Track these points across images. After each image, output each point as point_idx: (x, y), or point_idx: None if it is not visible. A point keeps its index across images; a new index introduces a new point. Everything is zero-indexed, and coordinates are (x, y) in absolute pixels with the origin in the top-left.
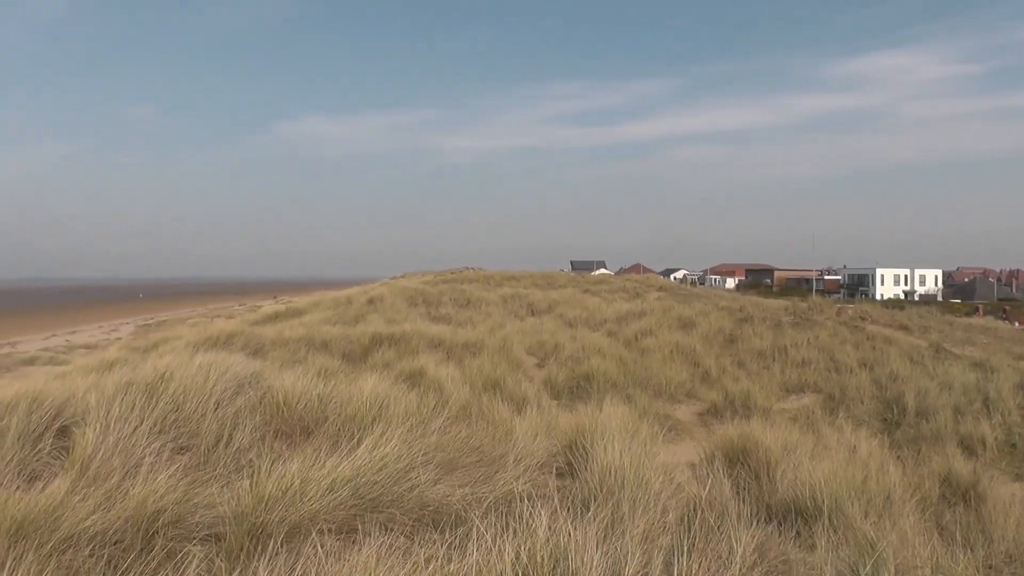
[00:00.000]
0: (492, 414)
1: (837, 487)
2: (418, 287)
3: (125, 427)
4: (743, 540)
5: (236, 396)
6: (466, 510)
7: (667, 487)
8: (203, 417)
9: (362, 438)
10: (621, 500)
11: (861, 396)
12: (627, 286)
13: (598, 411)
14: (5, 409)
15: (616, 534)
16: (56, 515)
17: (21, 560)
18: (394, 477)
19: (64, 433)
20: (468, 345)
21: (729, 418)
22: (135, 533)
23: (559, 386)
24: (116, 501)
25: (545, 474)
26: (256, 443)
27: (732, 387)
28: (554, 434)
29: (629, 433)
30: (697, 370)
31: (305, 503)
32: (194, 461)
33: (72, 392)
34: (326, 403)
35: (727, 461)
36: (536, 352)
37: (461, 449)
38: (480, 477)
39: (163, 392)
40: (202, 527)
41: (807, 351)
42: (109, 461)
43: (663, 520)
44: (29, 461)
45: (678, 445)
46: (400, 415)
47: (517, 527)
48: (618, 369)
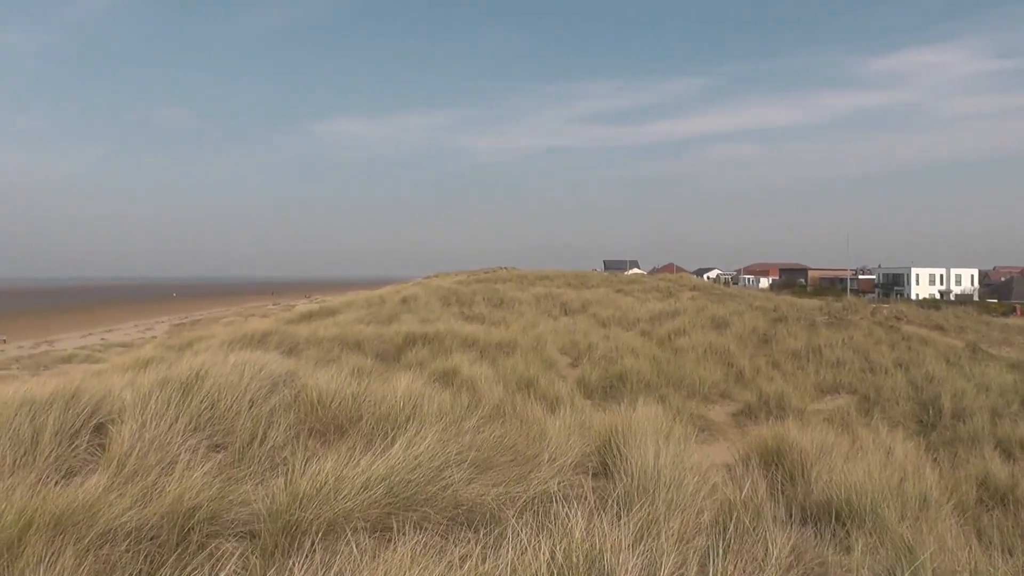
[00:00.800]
0: (526, 413)
1: (873, 489)
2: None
3: (161, 424)
4: (779, 542)
5: (271, 394)
6: (500, 509)
7: (702, 488)
8: (238, 415)
9: (396, 437)
10: (656, 500)
11: (896, 397)
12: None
13: (632, 411)
14: (43, 406)
15: (651, 535)
16: (93, 510)
17: (60, 554)
18: (428, 476)
19: (101, 430)
20: (501, 344)
21: (763, 419)
22: (171, 529)
23: (592, 386)
24: (152, 497)
25: (579, 474)
26: (290, 441)
27: (766, 387)
28: (588, 434)
29: (663, 433)
30: (731, 370)
31: (339, 501)
32: (229, 458)
33: (108, 389)
34: (360, 402)
35: (762, 462)
36: (569, 351)
37: (495, 448)
38: (514, 476)
39: (198, 390)
40: (237, 524)
41: (842, 351)
42: (145, 458)
43: (698, 521)
44: (66, 457)
45: (712, 446)
46: (434, 414)
47: (552, 527)
48: (652, 369)
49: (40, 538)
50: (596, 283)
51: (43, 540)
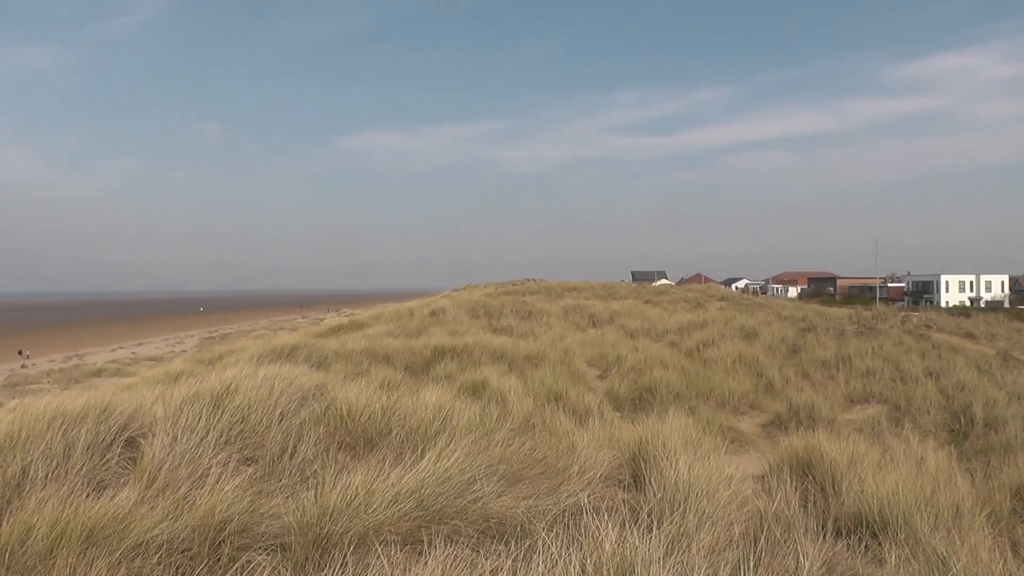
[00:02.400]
0: (555, 426)
1: (905, 500)
2: (480, 299)
3: (192, 438)
4: (810, 554)
5: (300, 408)
6: (530, 522)
7: (732, 500)
8: (268, 428)
9: (426, 450)
10: (686, 513)
11: (927, 406)
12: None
13: (661, 423)
14: (75, 420)
15: (682, 547)
16: (125, 523)
17: (92, 566)
18: (458, 489)
19: (132, 444)
20: (530, 357)
21: (793, 429)
22: (202, 542)
23: (621, 397)
24: (183, 510)
25: (609, 486)
26: (320, 454)
27: (796, 398)
28: (617, 446)
29: (692, 445)
30: (760, 381)
31: (369, 514)
32: (259, 472)
33: (139, 403)
34: (389, 415)
35: (792, 473)
36: (598, 363)
37: (524, 461)
38: (544, 489)
39: (228, 404)
40: (268, 537)
41: (871, 361)
42: (176, 471)
43: (729, 533)
44: (98, 471)
45: (742, 457)
46: (463, 427)
47: (583, 540)
48: (680, 380)
49: (72, 550)
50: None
51: (75, 552)
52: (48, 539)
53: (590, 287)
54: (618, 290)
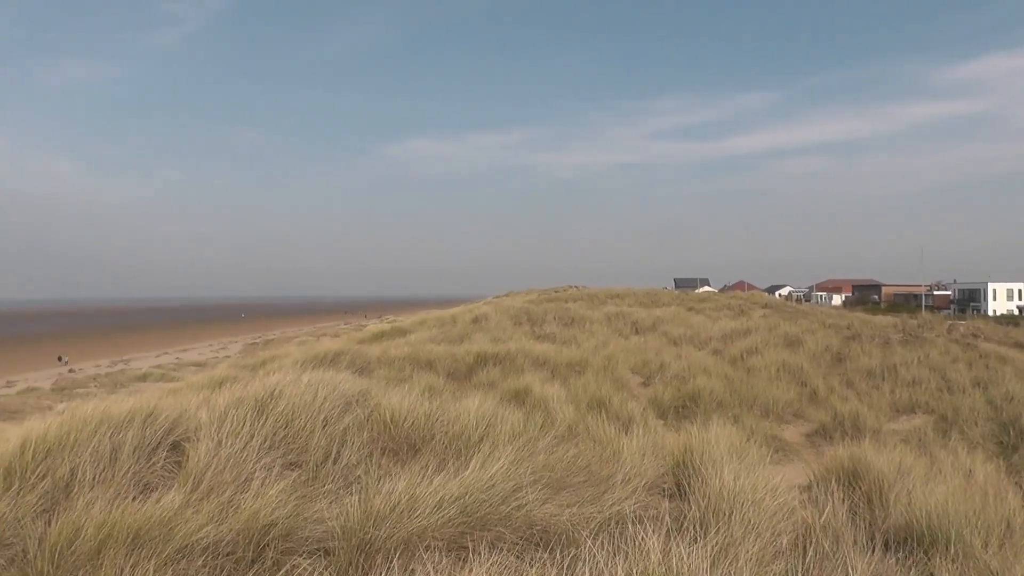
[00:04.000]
0: (598, 433)
1: (954, 513)
2: (522, 306)
3: (236, 442)
4: (859, 567)
5: (344, 413)
6: (574, 530)
7: (778, 510)
8: (312, 434)
9: (469, 456)
10: (732, 523)
11: (975, 417)
12: (732, 303)
13: (705, 431)
14: (121, 423)
15: (729, 558)
16: (170, 526)
17: (137, 568)
18: (502, 496)
19: (177, 447)
20: (573, 364)
21: (838, 439)
22: (246, 545)
23: (665, 405)
24: (228, 514)
25: (653, 495)
26: (364, 460)
27: (840, 407)
28: (661, 454)
29: (737, 454)
30: (804, 389)
31: (413, 520)
32: (303, 477)
33: (184, 408)
34: (433, 421)
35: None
36: (641, 371)
37: (568, 469)
38: (588, 497)
39: (273, 409)
40: (311, 541)
41: (917, 370)
42: (221, 475)
43: (776, 544)
44: (144, 474)
45: (786, 467)
46: (507, 434)
47: (628, 549)
48: (724, 388)
49: (119, 551)
50: (667, 301)
51: (121, 553)
52: (96, 540)
53: (633, 294)
54: (661, 297)
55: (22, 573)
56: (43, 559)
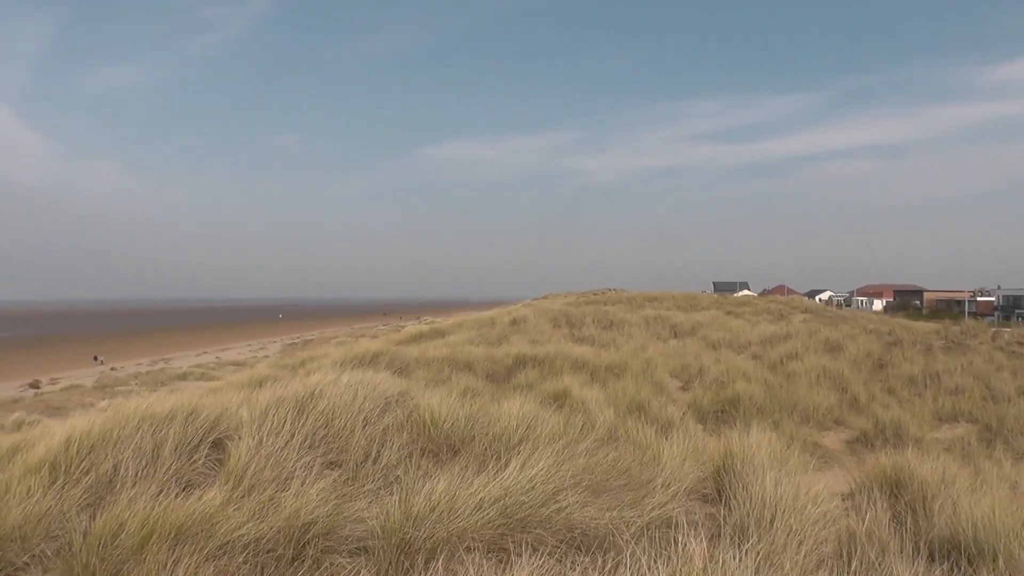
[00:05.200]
0: (638, 437)
1: (1001, 526)
2: (561, 308)
3: (276, 441)
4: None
5: (384, 414)
6: (615, 534)
7: (821, 518)
8: (352, 434)
9: (509, 458)
10: (775, 530)
11: (1021, 427)
12: (771, 308)
13: (745, 436)
14: (163, 421)
15: (773, 566)
16: (212, 522)
17: (180, 564)
18: (542, 498)
19: (218, 445)
20: (611, 367)
21: (879, 447)
22: (287, 543)
23: (704, 410)
24: (269, 512)
25: (693, 500)
26: (403, 460)
27: (882, 414)
28: (701, 459)
29: (778, 460)
30: (845, 396)
31: (453, 521)
32: (344, 476)
33: (225, 407)
34: (472, 423)
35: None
36: (680, 375)
37: (608, 472)
38: (628, 501)
39: (313, 408)
40: (352, 540)
41: (961, 378)
42: (261, 473)
43: (819, 553)
44: (185, 471)
45: (826, 474)
46: (546, 436)
47: (671, 553)
48: (764, 393)
49: (161, 547)
50: (706, 305)
51: (164, 548)
52: (139, 535)
53: (671, 297)
54: (700, 301)
55: (67, 565)
56: (88, 552)
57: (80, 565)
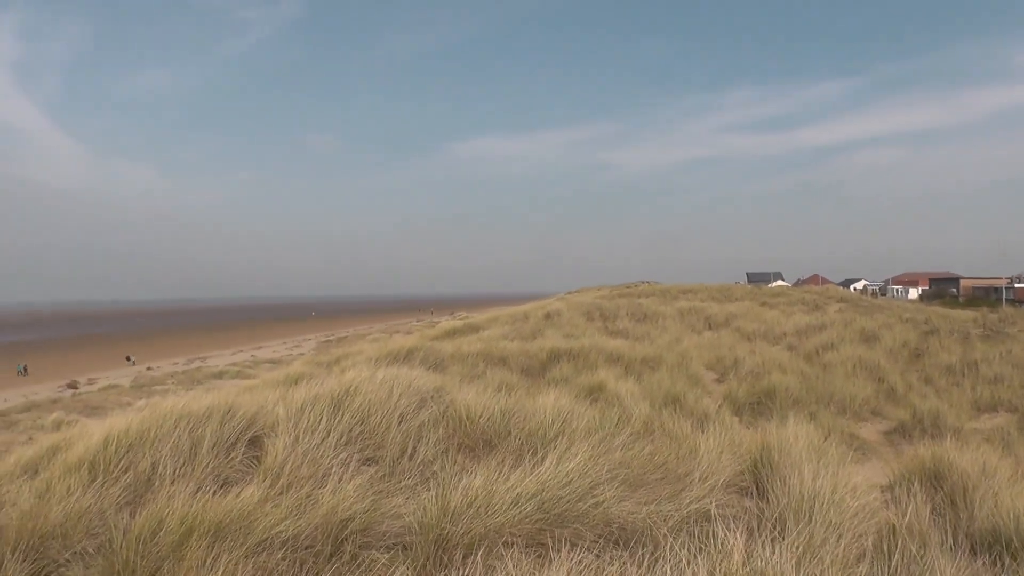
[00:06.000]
0: (674, 430)
1: None
2: (594, 301)
3: (313, 438)
4: (947, 572)
5: (419, 410)
6: (652, 528)
7: (860, 511)
8: (388, 430)
9: (545, 453)
10: (813, 523)
11: None
12: (806, 298)
13: (782, 428)
14: (200, 419)
15: (813, 559)
16: (250, 519)
17: (219, 560)
18: (579, 493)
19: (255, 443)
20: (646, 360)
21: (917, 438)
22: (325, 539)
23: (740, 402)
24: (306, 508)
25: (731, 493)
26: (439, 456)
27: (919, 405)
28: (738, 452)
29: (815, 452)
30: (882, 386)
31: (490, 516)
32: (380, 472)
33: (261, 404)
34: (508, 417)
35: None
36: (715, 367)
37: (645, 466)
38: (665, 495)
39: (348, 405)
40: (389, 536)
41: (999, 367)
42: (299, 470)
43: (859, 546)
44: (223, 468)
45: (864, 465)
46: (582, 431)
47: (710, 548)
48: (799, 385)
49: (201, 543)
50: (740, 296)
51: (204, 545)
52: (178, 532)
53: (705, 289)
54: (733, 292)
55: (108, 562)
56: (128, 549)
57: (121, 562)
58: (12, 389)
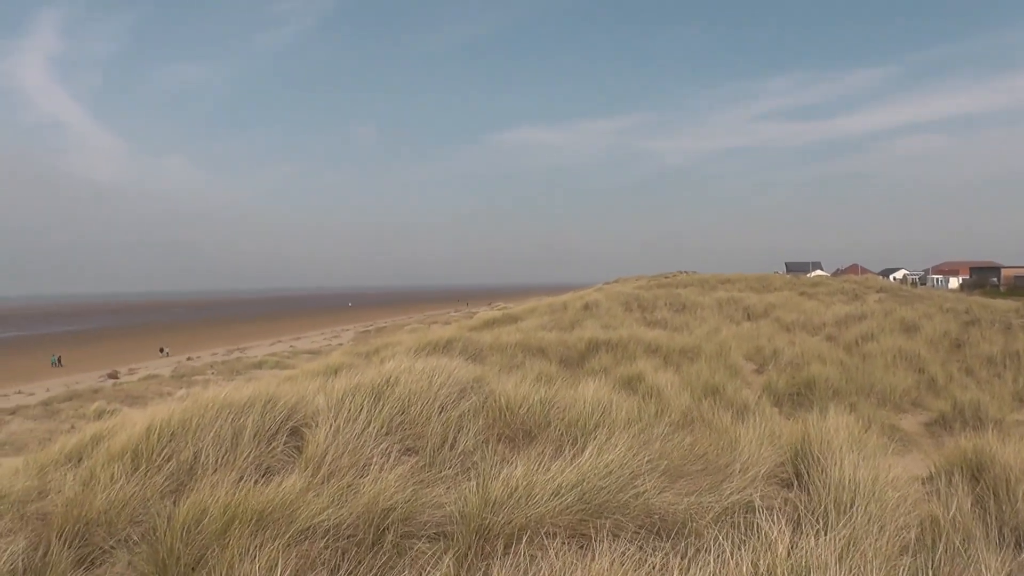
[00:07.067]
0: (713, 421)
1: None
2: (633, 292)
3: (353, 428)
4: (992, 565)
5: (459, 400)
6: (693, 519)
7: (901, 503)
8: (428, 420)
9: (585, 444)
10: (855, 515)
11: None
12: (845, 288)
13: (822, 420)
14: (241, 409)
15: (856, 552)
16: (293, 509)
17: (262, 548)
18: (619, 484)
19: (296, 433)
20: (685, 350)
21: (958, 429)
22: (367, 528)
23: (779, 393)
24: (348, 498)
25: (772, 485)
26: (480, 446)
27: (960, 396)
28: (778, 443)
29: (856, 443)
30: (922, 377)
31: (531, 506)
32: (421, 462)
33: (302, 394)
34: (548, 408)
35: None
36: (754, 358)
37: (685, 457)
38: (706, 486)
39: (389, 395)
40: (430, 525)
41: None
42: (340, 460)
43: (901, 538)
44: (264, 457)
45: (904, 457)
46: (622, 421)
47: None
48: (839, 375)
49: (243, 532)
50: (778, 286)
51: (246, 533)
52: (221, 520)
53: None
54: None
55: (152, 549)
56: (172, 536)
57: (165, 549)
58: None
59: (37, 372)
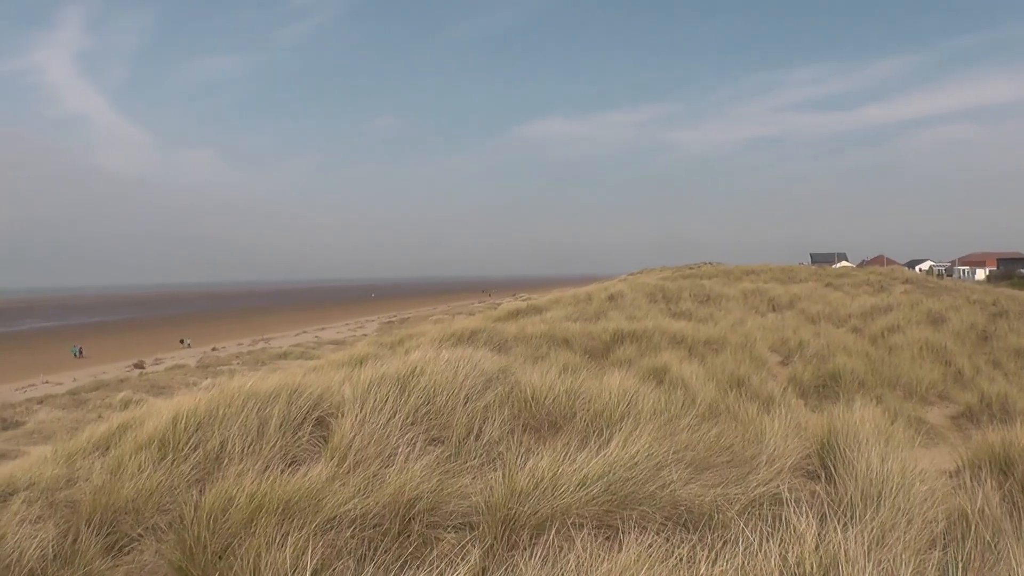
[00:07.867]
0: (739, 413)
1: None
2: (657, 283)
3: (379, 418)
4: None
5: (485, 390)
6: (719, 511)
7: (928, 496)
8: (453, 410)
9: (611, 434)
10: (882, 508)
11: None
12: (871, 279)
13: (848, 412)
14: (267, 399)
15: (884, 545)
16: (318, 498)
17: (289, 537)
18: (645, 475)
19: (322, 423)
20: (710, 342)
21: (986, 422)
22: (393, 518)
23: (805, 385)
24: (374, 488)
25: (798, 477)
26: (505, 436)
27: (988, 388)
28: (804, 435)
29: (882, 436)
30: (949, 369)
31: (557, 497)
32: (446, 452)
33: (327, 385)
34: (573, 398)
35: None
36: (779, 349)
37: (711, 448)
38: (732, 478)
39: (414, 386)
40: (456, 516)
41: None
42: (365, 450)
43: (930, 531)
44: (290, 447)
45: (931, 450)
46: (647, 412)
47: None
48: (865, 367)
49: (270, 521)
50: (804, 277)
51: (273, 522)
52: (248, 509)
53: (768, 270)
54: (797, 273)
55: (179, 537)
56: (199, 525)
57: (192, 537)
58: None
59: (61, 363)
